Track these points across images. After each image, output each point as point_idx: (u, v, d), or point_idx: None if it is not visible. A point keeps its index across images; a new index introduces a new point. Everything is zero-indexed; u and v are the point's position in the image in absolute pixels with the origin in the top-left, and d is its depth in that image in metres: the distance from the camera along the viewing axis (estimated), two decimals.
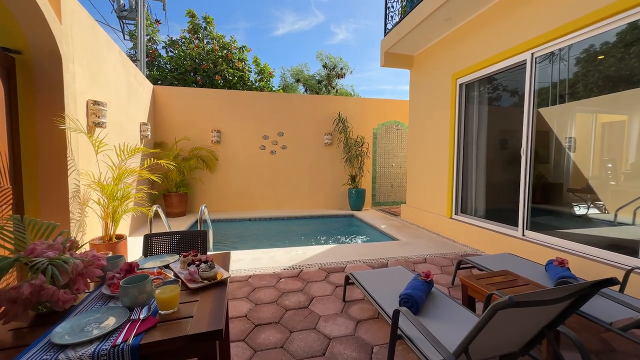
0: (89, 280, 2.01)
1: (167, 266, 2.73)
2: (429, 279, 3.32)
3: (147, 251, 3.39)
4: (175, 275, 2.50)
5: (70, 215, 4.77)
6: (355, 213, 10.76)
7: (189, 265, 2.59)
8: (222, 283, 2.36)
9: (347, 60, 32.68)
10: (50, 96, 4.63)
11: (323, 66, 25.01)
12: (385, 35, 8.95)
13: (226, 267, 2.70)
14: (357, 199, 11.15)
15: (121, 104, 7.20)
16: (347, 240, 8.30)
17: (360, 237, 8.54)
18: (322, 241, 8.00)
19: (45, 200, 4.63)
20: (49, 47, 4.53)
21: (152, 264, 2.75)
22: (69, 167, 4.75)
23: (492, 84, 6.87)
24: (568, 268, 3.65)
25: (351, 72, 25.23)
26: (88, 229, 5.36)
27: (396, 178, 12.25)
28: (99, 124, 5.69)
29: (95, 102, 5.62)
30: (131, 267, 2.31)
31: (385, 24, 8.99)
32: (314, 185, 11.72)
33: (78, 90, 5.20)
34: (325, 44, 73.31)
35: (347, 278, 4.07)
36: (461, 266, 4.67)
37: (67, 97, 4.77)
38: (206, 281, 2.31)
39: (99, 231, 5.59)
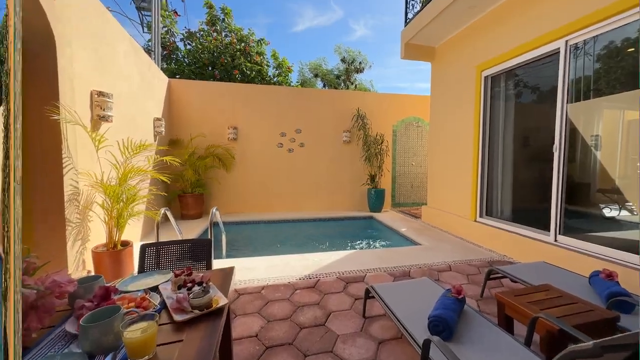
0: (48, 314, 1.59)
1: (155, 288, 2.30)
2: (461, 295, 2.98)
3: (143, 265, 2.99)
4: (163, 302, 2.10)
5: (66, 220, 4.30)
6: (375, 215, 10.43)
7: (179, 288, 2.22)
8: (217, 313, 1.98)
9: (366, 54, 32.28)
10: (43, 83, 4.15)
11: (341, 60, 24.74)
12: (405, 26, 8.71)
13: (226, 287, 2.35)
14: (376, 200, 10.79)
15: (133, 97, 6.83)
16: (366, 244, 8.00)
17: (380, 241, 8.25)
18: (340, 246, 7.75)
19: (38, 204, 4.18)
20: (40, 26, 4.05)
21: (138, 285, 2.32)
22: (64, 165, 4.29)
23: (520, 76, 6.59)
24: (618, 282, 3.31)
25: (370, 66, 24.96)
26: (92, 235, 4.92)
27: (416, 178, 11.96)
28: (104, 118, 5.26)
29: (101, 93, 5.19)
30: (107, 293, 1.91)
31: (406, 13, 8.75)
32: (333, 186, 11.43)
33: (81, 79, 4.79)
34: (343, 40, 72.93)
35: (367, 291, 3.75)
36: (490, 276, 4.34)
37: (63, 85, 4.28)
38: (197, 311, 1.94)
39: (105, 237, 5.09)
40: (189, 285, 2.16)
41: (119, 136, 5.74)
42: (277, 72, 19.01)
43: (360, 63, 25.01)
